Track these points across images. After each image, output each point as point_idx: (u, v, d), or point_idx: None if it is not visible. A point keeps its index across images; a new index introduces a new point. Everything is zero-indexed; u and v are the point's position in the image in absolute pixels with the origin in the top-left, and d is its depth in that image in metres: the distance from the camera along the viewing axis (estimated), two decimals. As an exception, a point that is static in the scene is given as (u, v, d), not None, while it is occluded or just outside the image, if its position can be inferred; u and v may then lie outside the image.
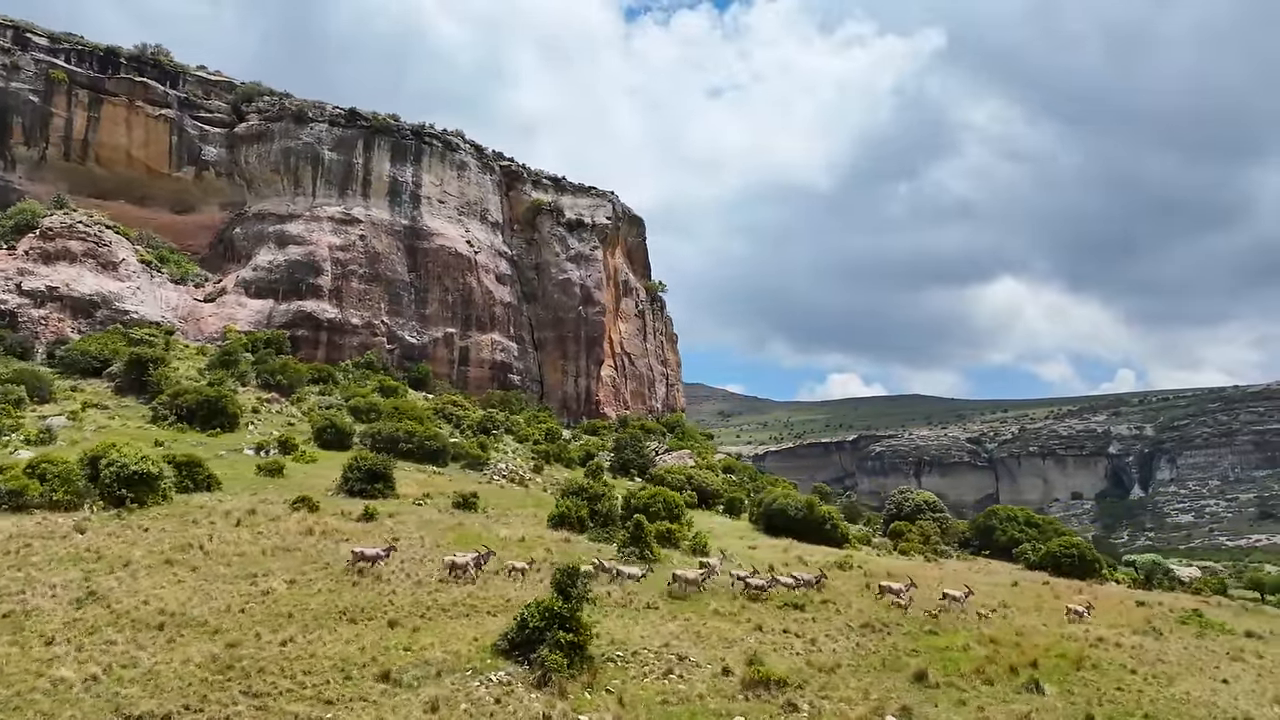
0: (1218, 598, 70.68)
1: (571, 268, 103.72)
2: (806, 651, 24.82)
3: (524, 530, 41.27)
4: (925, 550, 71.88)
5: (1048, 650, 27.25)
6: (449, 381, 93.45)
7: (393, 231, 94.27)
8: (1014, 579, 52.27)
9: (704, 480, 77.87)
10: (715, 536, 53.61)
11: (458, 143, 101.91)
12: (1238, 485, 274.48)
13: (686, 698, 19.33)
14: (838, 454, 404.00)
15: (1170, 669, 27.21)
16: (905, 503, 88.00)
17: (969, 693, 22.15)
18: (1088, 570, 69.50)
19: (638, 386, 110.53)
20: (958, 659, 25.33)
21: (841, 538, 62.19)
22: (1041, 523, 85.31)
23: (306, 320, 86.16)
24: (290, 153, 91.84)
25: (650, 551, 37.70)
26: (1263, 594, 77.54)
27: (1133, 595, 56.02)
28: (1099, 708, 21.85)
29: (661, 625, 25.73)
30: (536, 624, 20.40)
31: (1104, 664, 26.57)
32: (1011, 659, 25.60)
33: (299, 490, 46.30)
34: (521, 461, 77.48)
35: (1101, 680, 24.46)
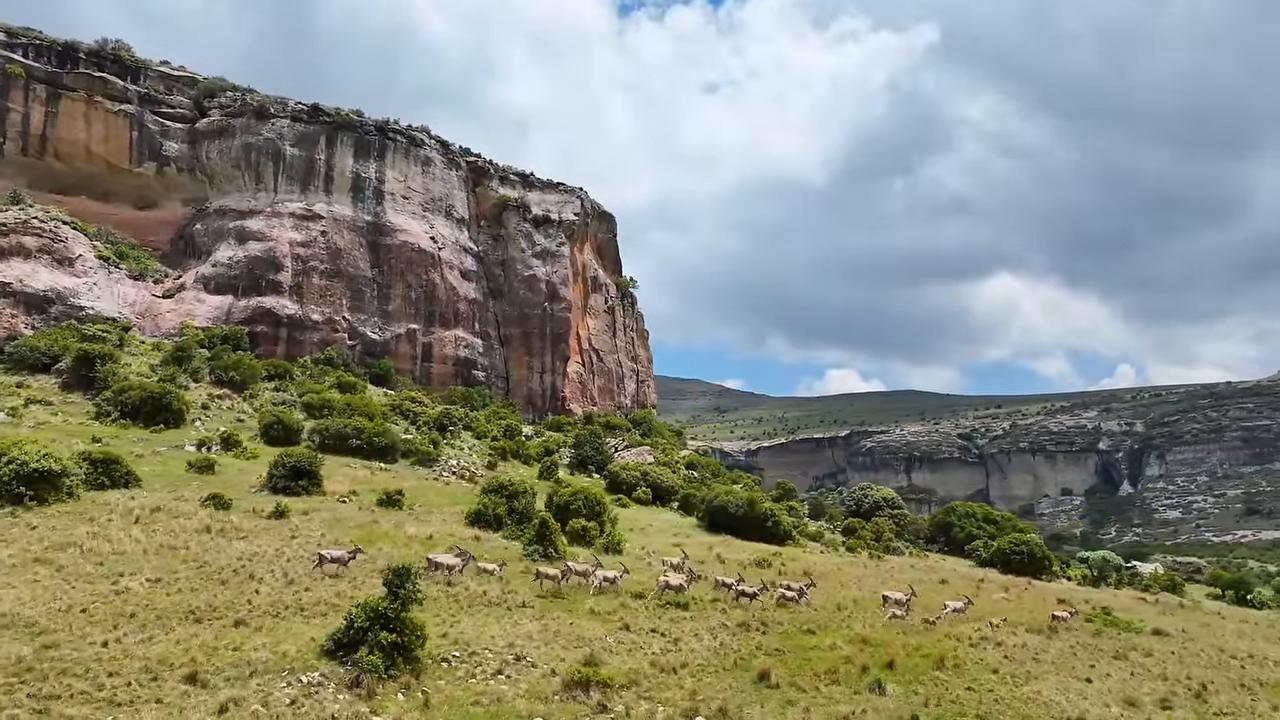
0: (1167, 595, 70.81)
1: (537, 264, 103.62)
2: (663, 651, 24.81)
3: (436, 528, 41.26)
4: (875, 547, 72.02)
5: (916, 649, 27.25)
6: (412, 378, 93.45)
7: (355, 228, 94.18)
8: (944, 577, 52.25)
9: (659, 477, 77.83)
10: (648, 533, 53.78)
11: (423, 138, 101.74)
12: (1225, 481, 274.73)
13: (499, 699, 19.33)
14: (830, 449, 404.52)
15: (1038, 668, 27.21)
16: (865, 499, 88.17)
17: (807, 693, 22.15)
18: (1037, 567, 69.65)
19: (606, 383, 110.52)
20: (817, 659, 25.32)
21: (784, 535, 62.17)
22: (999, 519, 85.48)
23: (266, 316, 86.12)
24: (251, 148, 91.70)
25: (555, 549, 37.71)
26: (1223, 591, 77.59)
27: (1069, 592, 56.11)
28: (934, 708, 21.84)
29: (522, 625, 25.73)
30: (361, 624, 20.41)
31: (969, 663, 26.57)
32: (871, 659, 25.62)
33: (226, 487, 46.37)
34: (476, 458, 77.55)
35: (955, 680, 24.46)
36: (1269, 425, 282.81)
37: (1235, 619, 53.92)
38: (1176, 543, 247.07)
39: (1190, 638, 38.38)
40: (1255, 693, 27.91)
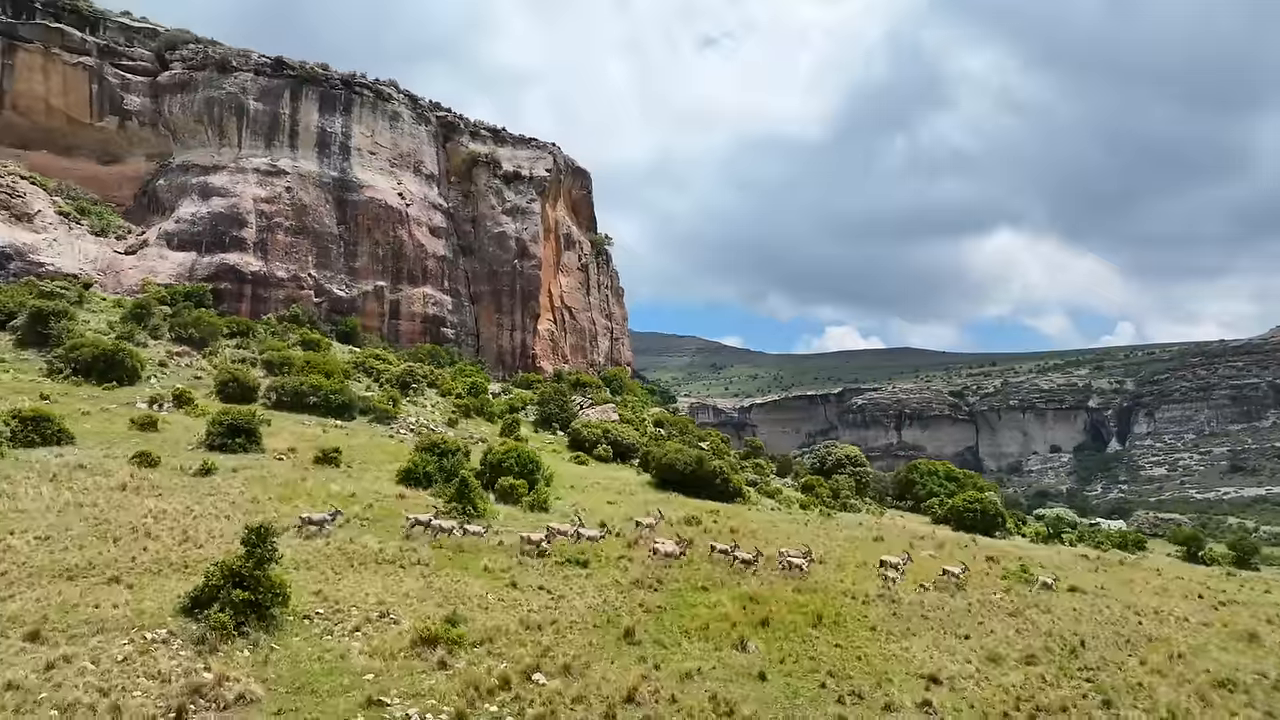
0: (1119, 551, 71.67)
1: (507, 220, 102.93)
2: (541, 609, 25.17)
3: (364, 486, 41.61)
4: (832, 505, 72.77)
5: (800, 607, 27.63)
6: (380, 335, 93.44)
7: (321, 183, 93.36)
8: (883, 534, 52.82)
9: (621, 434, 78.11)
10: (592, 490, 54.14)
11: (390, 93, 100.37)
12: (1212, 439, 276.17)
13: (343, 655, 19.68)
14: (823, 406, 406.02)
15: (921, 625, 27.61)
16: (828, 457, 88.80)
17: (667, 650, 22.51)
18: (990, 524, 70.53)
19: (578, 340, 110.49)
20: (696, 616, 25.68)
21: (734, 493, 62.68)
22: (961, 477, 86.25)
23: (230, 273, 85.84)
24: (214, 102, 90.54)
25: (474, 507, 38.07)
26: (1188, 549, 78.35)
27: (1009, 549, 56.77)
28: (789, 664, 22.21)
29: (405, 583, 26.08)
30: (216, 582, 20.69)
31: (849, 620, 26.98)
32: (749, 616, 26.00)
33: (164, 445, 46.63)
34: (439, 415, 77.79)
35: (825, 637, 24.84)
36: (1257, 384, 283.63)
37: (1170, 575, 54.60)
38: (1160, 499, 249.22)
39: (1104, 595, 38.89)
40: (1136, 648, 28.35)
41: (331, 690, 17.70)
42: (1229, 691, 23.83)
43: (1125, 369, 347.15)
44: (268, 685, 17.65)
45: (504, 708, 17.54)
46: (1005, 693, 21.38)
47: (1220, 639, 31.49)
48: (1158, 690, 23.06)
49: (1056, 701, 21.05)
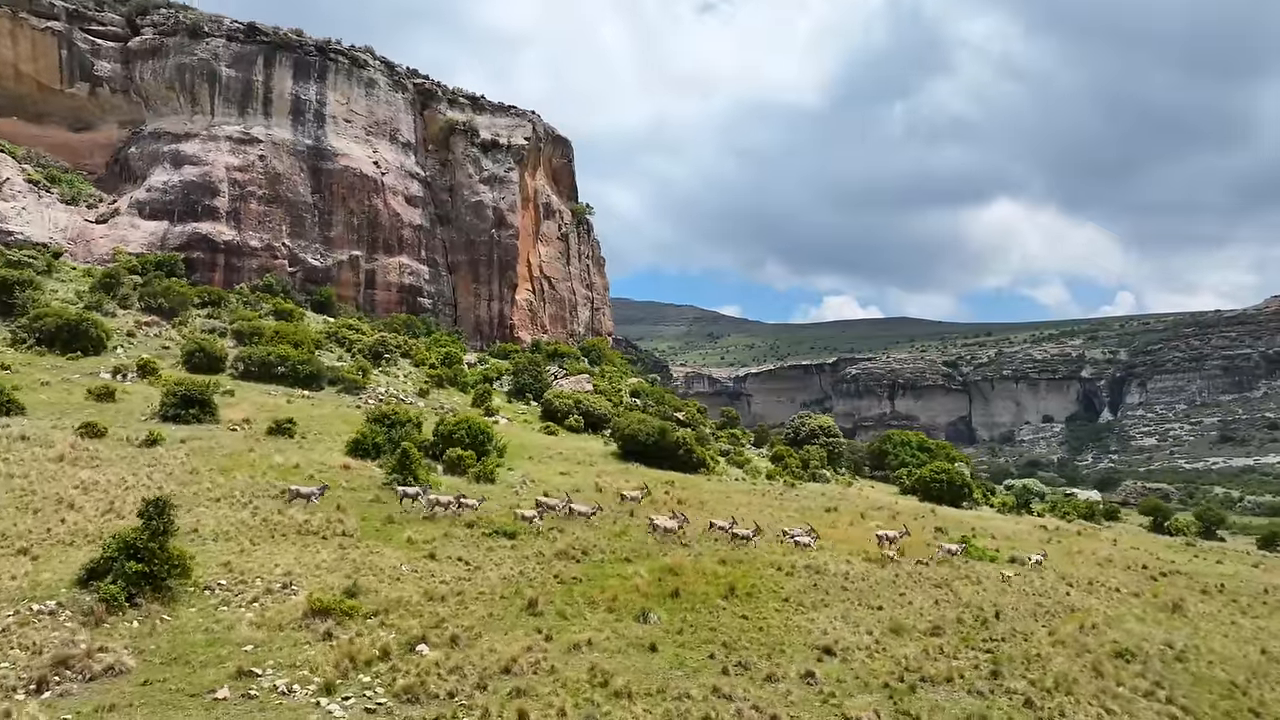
0: (1084, 521, 72.23)
1: (484, 189, 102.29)
2: (454, 580, 25.39)
3: (310, 457, 41.79)
4: (801, 475, 73.23)
5: (716, 578, 27.87)
6: (355, 305, 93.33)
7: (295, 152, 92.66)
8: (835, 505, 53.15)
9: (593, 405, 78.44)
10: (552, 461, 54.40)
11: (366, 59, 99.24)
12: (1203, 409, 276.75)
13: (231, 627, 19.90)
14: (818, 376, 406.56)
15: (837, 596, 27.84)
16: (802, 427, 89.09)
17: (567, 621, 22.73)
18: (956, 495, 71.01)
19: (558, 310, 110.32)
20: (609, 587, 25.87)
21: (697, 463, 63.08)
22: (933, 447, 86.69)
23: (202, 242, 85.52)
24: (185, 69, 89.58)
25: (415, 478, 38.27)
26: (1154, 519, 78.99)
27: (965, 520, 57.13)
28: (686, 635, 22.42)
29: (319, 554, 26.28)
30: (111, 554, 20.88)
31: (762, 592, 27.22)
32: (661, 588, 26.25)
33: (118, 416, 46.87)
34: (411, 385, 77.97)
35: (732, 608, 25.04)
36: (1249, 354, 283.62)
37: (1125, 545, 55.10)
38: (1150, 469, 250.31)
39: (1043, 565, 39.17)
40: (1052, 619, 28.59)
41: (206, 661, 17.92)
42: (1125, 662, 24.09)
43: (1119, 339, 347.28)
44: (143, 657, 17.86)
45: (377, 678, 17.76)
46: (895, 664, 21.62)
47: (1143, 609, 31.80)
48: (1053, 661, 23.31)
49: (944, 672, 21.28)
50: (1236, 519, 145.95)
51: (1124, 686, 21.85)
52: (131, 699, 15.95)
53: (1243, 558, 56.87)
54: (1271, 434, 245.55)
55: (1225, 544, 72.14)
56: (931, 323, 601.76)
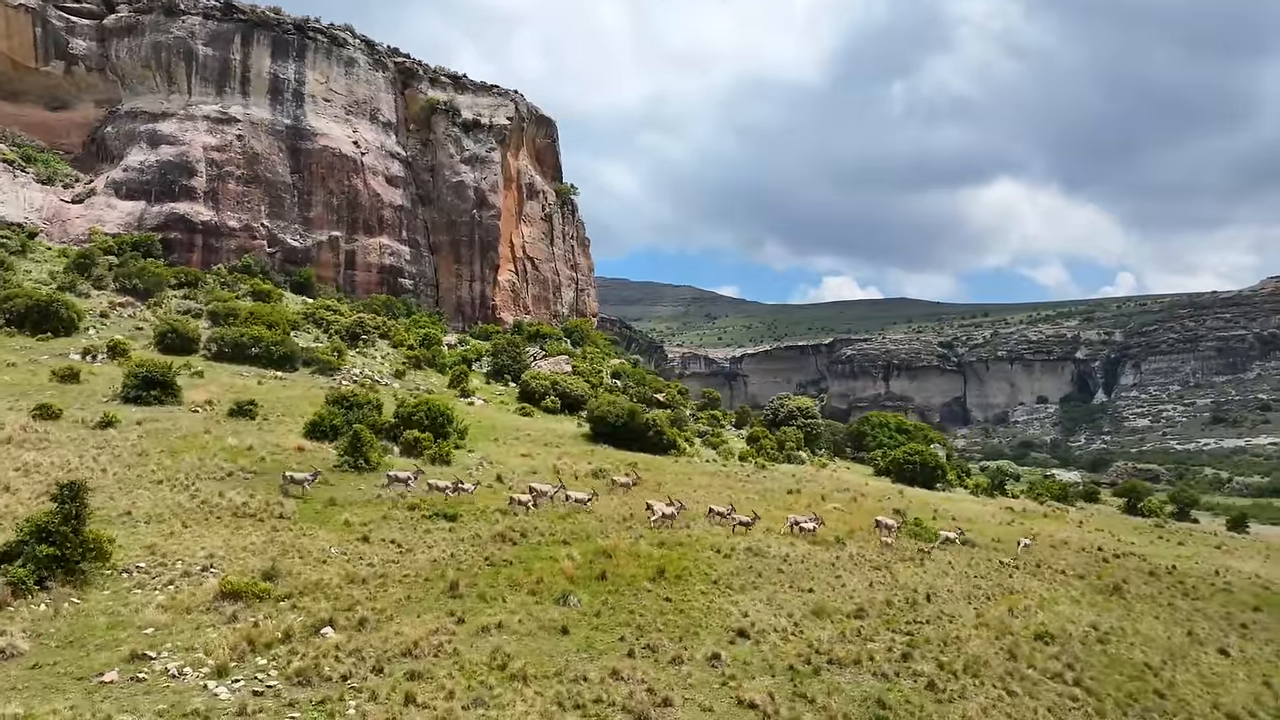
0: (1055, 503, 72.40)
1: (466, 170, 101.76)
2: (381, 563, 25.50)
3: (265, 439, 41.85)
4: (776, 456, 73.43)
5: (648, 560, 27.98)
6: (335, 286, 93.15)
7: (274, 131, 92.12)
8: (798, 487, 53.28)
9: (570, 386, 78.48)
10: (520, 443, 54.43)
11: (345, 38, 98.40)
12: (1196, 391, 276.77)
13: (138, 609, 20.02)
14: (814, 356, 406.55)
15: (769, 579, 27.97)
16: (781, 409, 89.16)
17: (486, 604, 22.80)
18: (930, 476, 71.25)
19: (541, 291, 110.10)
20: (537, 571, 25.93)
21: (668, 444, 63.17)
22: (911, 429, 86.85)
23: (180, 223, 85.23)
24: (161, 47, 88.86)
25: (367, 461, 38.37)
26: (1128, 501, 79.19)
27: (931, 501, 57.29)
28: (604, 617, 22.51)
29: (248, 537, 26.37)
30: (23, 537, 20.96)
31: (693, 575, 27.33)
32: (590, 571, 26.36)
33: (80, 398, 46.95)
34: (388, 366, 78.00)
35: (658, 591, 25.11)
36: (1244, 335, 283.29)
37: (1090, 527, 55.28)
38: (1141, 450, 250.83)
39: (995, 548, 39.38)
40: (985, 602, 28.76)
41: (102, 644, 18.01)
42: (1044, 644, 24.22)
43: (1115, 320, 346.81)
44: (39, 640, 17.96)
45: (273, 661, 17.85)
46: (807, 646, 21.73)
47: (1081, 592, 31.96)
48: (970, 643, 23.44)
49: (854, 655, 21.40)
50: (1221, 500, 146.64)
51: (1034, 668, 21.98)
52: (15, 682, 16.05)
53: (1208, 539, 57.11)
54: (1264, 415, 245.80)
55: (1197, 525, 72.41)
56: (930, 303, 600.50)
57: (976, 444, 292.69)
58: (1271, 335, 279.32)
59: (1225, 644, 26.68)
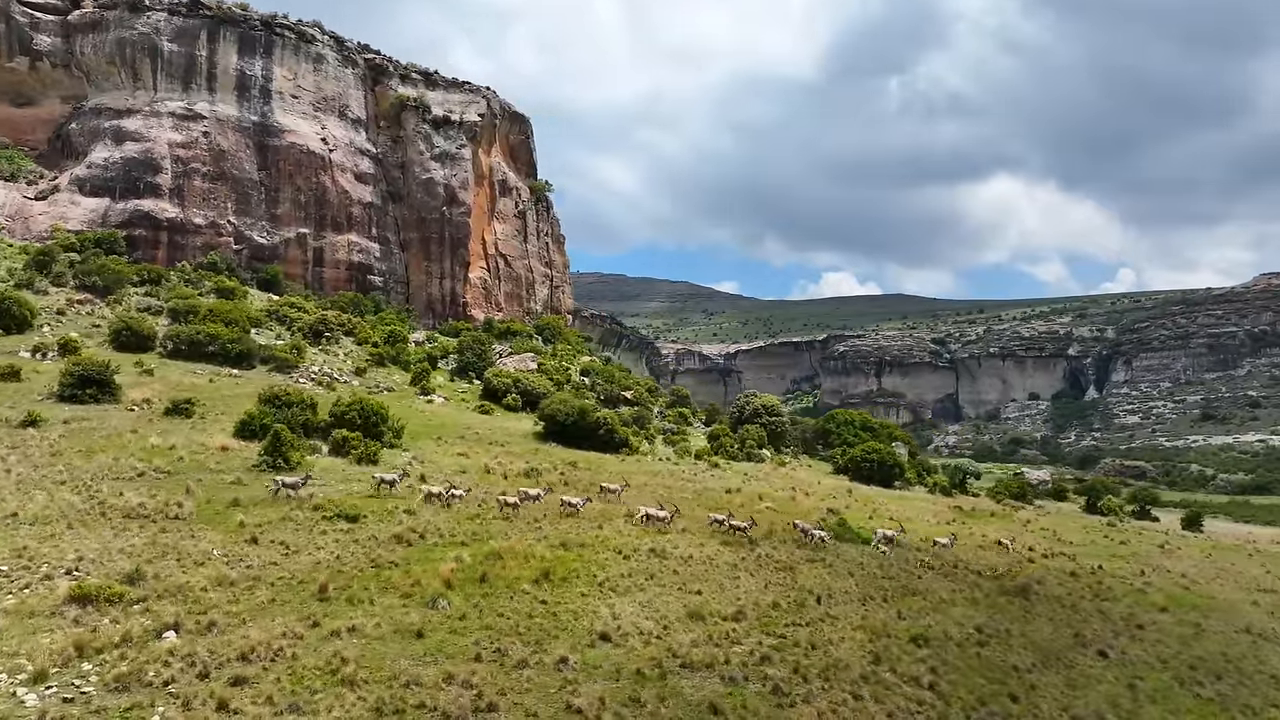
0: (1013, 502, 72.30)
1: (436, 166, 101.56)
2: (262, 566, 25.42)
3: (192, 438, 41.78)
4: (736, 455, 73.40)
5: (539, 562, 27.91)
6: (303, 283, 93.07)
7: (241, 128, 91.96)
8: (741, 485, 53.22)
9: (532, 384, 78.41)
10: (458, 442, 54.34)
11: (314, 34, 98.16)
12: (1187, 388, 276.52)
13: (-21, 614, 19.99)
14: (808, 353, 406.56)
15: (662, 581, 27.88)
16: (746, 407, 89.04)
17: (353, 606, 22.69)
18: (888, 475, 71.22)
19: (514, 288, 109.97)
20: (419, 573, 25.85)
21: (620, 443, 63.07)
22: (876, 427, 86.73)
23: (144, 220, 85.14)
24: (126, 43, 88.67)
25: (286, 460, 38.31)
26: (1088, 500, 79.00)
27: (886, 500, 57.24)
28: (469, 620, 22.41)
29: (132, 539, 26.30)
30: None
31: (579, 576, 27.26)
32: (472, 573, 26.30)
33: (16, 395, 47.00)
34: (350, 364, 77.94)
35: (539, 593, 24.98)
36: (1235, 332, 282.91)
37: (1036, 528, 55.24)
38: (1130, 447, 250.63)
39: (919, 548, 39.26)
40: (880, 603, 28.66)
41: (-77, 649, 17.99)
42: (917, 647, 24.12)
43: (1108, 317, 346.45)
44: None
45: (97, 667, 17.81)
46: (665, 650, 21.62)
47: (985, 593, 31.85)
48: (841, 647, 23.35)
49: (710, 658, 21.19)
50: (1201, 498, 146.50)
51: (894, 672, 21.89)
52: None
53: (1155, 538, 56.96)
54: (1252, 412, 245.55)
55: (1156, 524, 72.29)
56: (926, 299, 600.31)
57: (967, 440, 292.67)
58: (1262, 332, 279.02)
59: (1109, 646, 26.59)
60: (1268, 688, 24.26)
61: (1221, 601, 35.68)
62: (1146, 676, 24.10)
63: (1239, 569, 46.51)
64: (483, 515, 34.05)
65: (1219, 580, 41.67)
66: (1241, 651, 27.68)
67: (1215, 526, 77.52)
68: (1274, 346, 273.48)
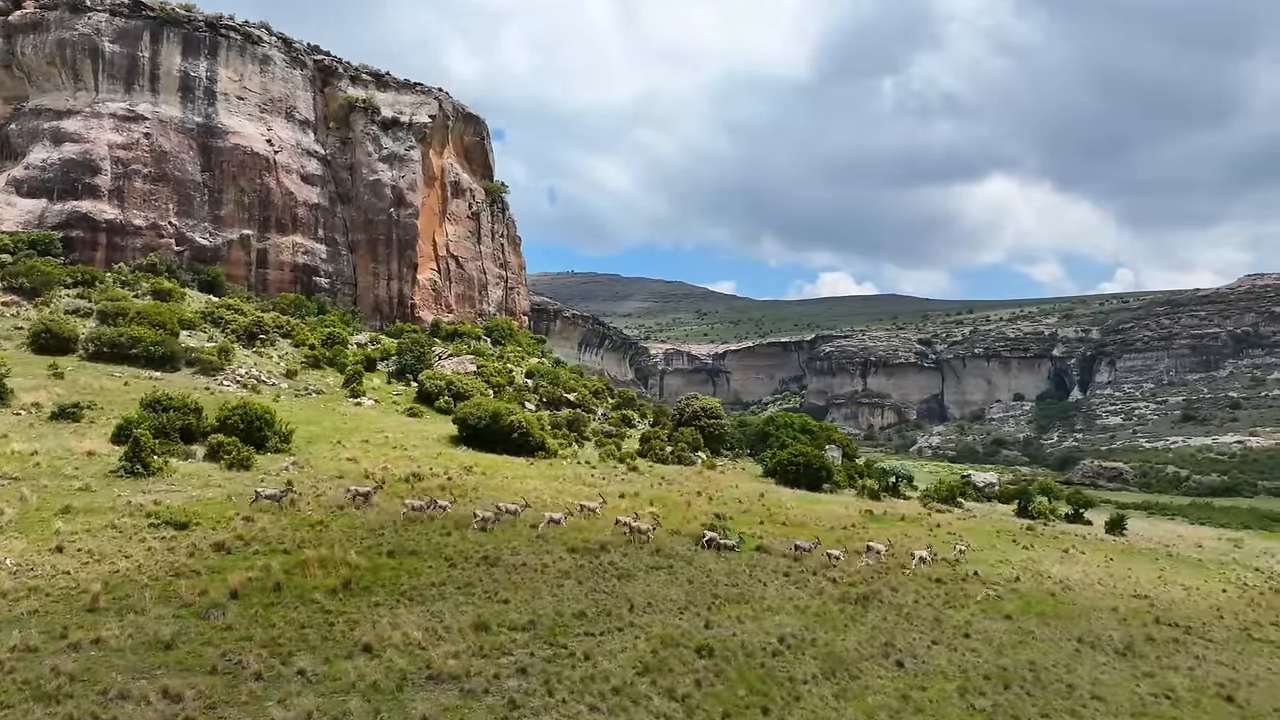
0: (944, 505, 71.89)
1: (383, 168, 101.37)
2: (49, 575, 25.06)
3: (59, 444, 41.52)
4: (666, 457, 73.21)
5: (349, 570, 27.63)
6: (247, 285, 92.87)
7: (184, 129, 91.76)
8: (640, 490, 52.96)
9: (465, 386, 78.24)
10: (360, 445, 54.08)
11: (260, 35, 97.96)
12: (1169, 389, 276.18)
13: None
14: (796, 353, 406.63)
15: (470, 589, 27.57)
16: (686, 409, 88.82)
17: (120, 616, 22.40)
18: (815, 479, 70.94)
19: (466, 290, 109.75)
20: (202, 584, 25.51)
21: (535, 446, 62.83)
22: (815, 429, 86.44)
23: (82, 221, 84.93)
24: (66, 44, 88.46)
25: (145, 466, 38.05)
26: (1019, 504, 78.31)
27: (791, 504, 56.91)
28: (235, 631, 22.21)
29: (-75, 546, 26.13)
30: None
31: (381, 586, 26.90)
32: (266, 582, 26.03)
33: (-93, 400, 46.81)
34: (280, 367, 77.72)
35: (329, 604, 24.63)
36: (1217, 333, 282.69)
37: (943, 531, 54.94)
38: (1111, 448, 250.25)
39: (782, 556, 38.98)
40: (708, 610, 28.31)
41: None
42: (700, 657, 23.67)
43: (1094, 318, 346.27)
44: None
45: None
46: (419, 662, 21.31)
47: (823, 601, 31.52)
48: (618, 658, 23.08)
49: (463, 670, 20.85)
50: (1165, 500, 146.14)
51: (654, 684, 21.61)
52: None
53: (1064, 542, 56.60)
54: (1232, 414, 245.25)
55: (1089, 526, 71.85)
56: (919, 300, 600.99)
57: (951, 441, 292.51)
58: (1245, 333, 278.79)
59: (914, 656, 26.24)
60: (1053, 697, 23.96)
61: (1078, 608, 35.36)
62: (930, 686, 23.78)
63: (1129, 574, 46.18)
64: (326, 522, 33.80)
65: (1097, 585, 41.37)
66: (1055, 661, 27.38)
67: (1149, 528, 77.10)
68: (1256, 348, 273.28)
